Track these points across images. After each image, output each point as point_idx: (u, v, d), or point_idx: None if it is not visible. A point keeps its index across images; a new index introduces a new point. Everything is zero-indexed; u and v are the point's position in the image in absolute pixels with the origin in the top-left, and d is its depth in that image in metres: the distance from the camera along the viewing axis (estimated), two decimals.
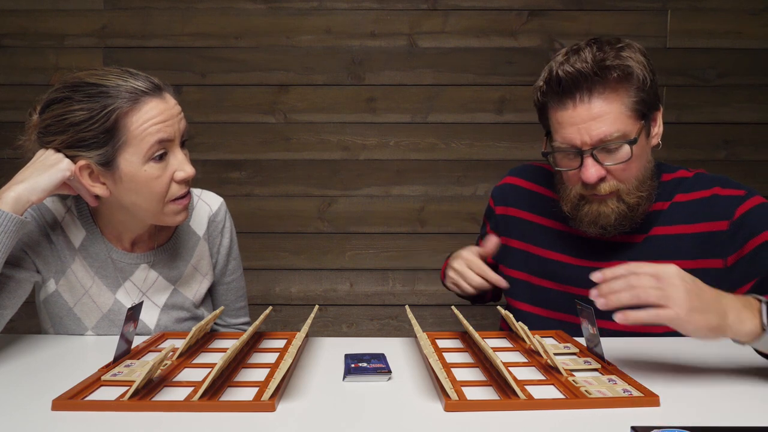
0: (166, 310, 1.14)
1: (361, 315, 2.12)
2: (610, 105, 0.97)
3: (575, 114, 0.98)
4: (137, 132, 0.95)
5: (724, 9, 2.03)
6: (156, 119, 0.96)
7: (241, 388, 0.78)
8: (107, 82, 0.96)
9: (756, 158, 2.06)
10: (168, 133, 0.97)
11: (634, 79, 0.97)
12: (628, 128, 0.98)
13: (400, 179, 2.08)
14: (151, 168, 0.97)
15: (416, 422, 0.69)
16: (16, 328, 1.14)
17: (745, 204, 1.02)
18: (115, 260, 1.10)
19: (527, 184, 1.22)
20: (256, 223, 2.08)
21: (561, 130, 1.01)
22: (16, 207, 0.92)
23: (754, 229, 1.00)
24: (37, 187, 0.94)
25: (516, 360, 0.91)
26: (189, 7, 2.03)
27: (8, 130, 2.03)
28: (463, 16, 2.04)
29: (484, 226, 1.32)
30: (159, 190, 0.99)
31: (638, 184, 1.02)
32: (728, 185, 1.06)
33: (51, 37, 2.03)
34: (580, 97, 0.97)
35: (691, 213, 1.06)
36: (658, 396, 0.73)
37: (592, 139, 0.97)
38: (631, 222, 1.04)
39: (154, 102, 0.96)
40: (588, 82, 0.96)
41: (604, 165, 0.99)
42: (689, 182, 1.09)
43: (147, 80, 0.98)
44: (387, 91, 2.06)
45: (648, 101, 1.00)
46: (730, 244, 1.02)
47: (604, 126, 0.97)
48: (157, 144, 0.96)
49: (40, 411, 0.71)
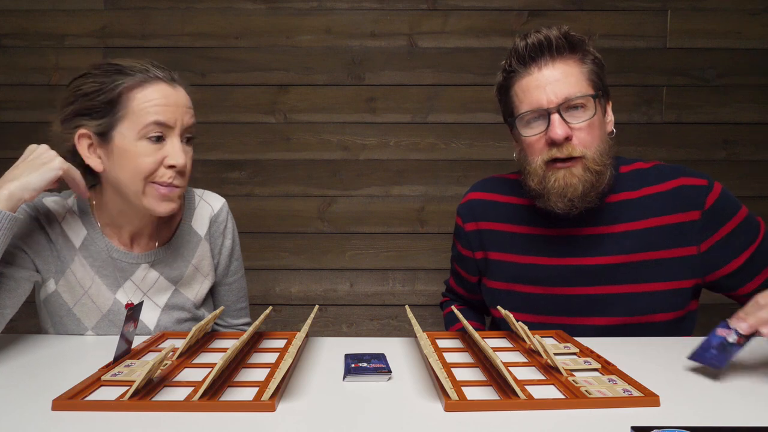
0: (166, 311, 1.14)
1: (361, 315, 2.12)
2: (571, 68, 1.05)
3: (540, 76, 1.05)
4: (137, 108, 0.98)
5: (724, 9, 2.03)
6: (158, 101, 0.99)
7: (241, 388, 0.78)
8: (125, 64, 1.01)
9: (756, 158, 2.06)
10: (167, 117, 0.99)
11: (590, 57, 1.07)
12: (590, 92, 1.05)
13: (400, 179, 2.08)
14: (143, 146, 0.99)
15: (416, 422, 0.69)
16: (16, 328, 1.14)
17: (712, 193, 1.08)
18: (115, 259, 1.10)
19: (490, 195, 1.24)
20: (256, 223, 2.08)
21: (527, 96, 1.06)
22: (9, 204, 0.92)
23: (723, 216, 1.07)
24: (29, 186, 0.94)
25: (516, 360, 0.91)
26: (189, 7, 2.03)
27: (8, 130, 2.04)
28: (463, 16, 2.04)
29: (455, 246, 1.31)
30: (145, 167, 0.99)
31: (600, 154, 1.05)
32: (690, 174, 1.11)
33: (51, 37, 2.03)
34: (544, 62, 1.05)
35: (660, 205, 1.10)
36: (658, 396, 0.73)
37: (557, 98, 1.03)
38: (597, 193, 1.06)
39: (162, 86, 1.00)
40: (551, 47, 1.04)
41: (570, 124, 1.04)
42: (652, 173, 1.13)
43: (164, 70, 1.02)
44: (387, 91, 2.06)
45: (601, 82, 1.08)
46: (702, 231, 1.07)
47: (568, 86, 1.04)
48: (153, 124, 0.98)
49: (40, 411, 0.71)
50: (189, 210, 1.19)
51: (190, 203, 1.19)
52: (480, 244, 1.23)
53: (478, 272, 1.26)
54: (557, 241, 1.13)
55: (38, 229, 1.06)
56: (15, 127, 2.04)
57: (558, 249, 1.13)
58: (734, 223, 1.07)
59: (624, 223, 1.11)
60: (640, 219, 1.10)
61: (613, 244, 1.10)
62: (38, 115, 2.04)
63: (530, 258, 1.16)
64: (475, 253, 1.24)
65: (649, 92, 2.05)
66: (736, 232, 1.07)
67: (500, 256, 1.20)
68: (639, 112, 2.05)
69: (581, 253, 1.11)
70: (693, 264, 1.08)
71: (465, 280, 1.31)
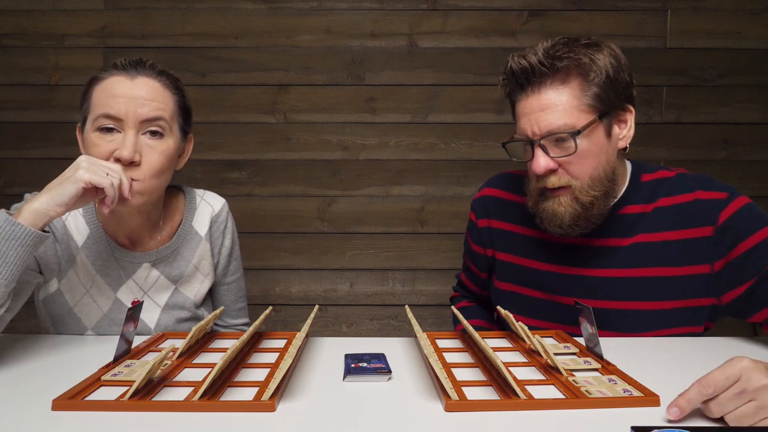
0: (166, 310, 1.14)
1: (361, 315, 2.12)
2: (559, 96, 0.97)
3: (527, 104, 1.00)
4: (94, 101, 1.02)
5: (724, 9, 2.03)
6: (109, 92, 1.01)
7: (241, 388, 0.78)
8: (118, 59, 1.05)
9: (756, 158, 2.06)
10: (114, 110, 0.99)
11: (591, 75, 0.97)
12: (579, 122, 0.97)
13: (400, 179, 2.08)
14: (95, 136, 1.00)
15: (416, 422, 0.69)
16: (16, 328, 1.14)
17: (729, 208, 1.00)
18: (118, 258, 1.10)
19: (505, 194, 1.20)
20: (257, 223, 2.08)
21: (518, 121, 1.04)
22: (35, 220, 0.88)
23: (740, 233, 0.99)
24: (53, 202, 0.89)
25: (516, 360, 0.91)
26: (189, 7, 2.03)
27: (8, 130, 2.04)
28: (463, 16, 2.04)
29: (467, 241, 1.29)
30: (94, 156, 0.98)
31: (591, 183, 1.00)
32: (710, 187, 1.04)
33: (51, 37, 2.03)
34: (531, 88, 0.99)
35: (674, 219, 1.04)
36: (658, 396, 0.73)
37: (540, 130, 0.98)
38: (588, 222, 1.02)
39: (118, 78, 1.02)
40: (536, 74, 0.98)
41: (553, 157, 0.99)
42: (671, 184, 1.06)
43: (128, 61, 1.04)
44: (387, 91, 2.06)
45: (608, 99, 0.98)
46: (716, 249, 1.01)
47: (552, 117, 0.97)
48: (101, 116, 1.00)
49: (40, 411, 0.71)
50: (190, 210, 1.19)
51: (191, 203, 1.20)
52: (490, 242, 1.21)
53: (488, 268, 1.25)
54: (566, 250, 1.10)
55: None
56: (15, 127, 2.05)
57: (566, 258, 1.10)
58: (754, 241, 0.97)
59: (636, 236, 1.06)
60: (653, 232, 1.05)
61: (623, 258, 1.06)
62: (38, 115, 2.04)
63: (537, 263, 1.13)
64: (486, 250, 1.22)
65: (649, 92, 2.05)
66: (756, 251, 0.97)
67: (507, 257, 1.18)
68: (639, 112, 2.05)
69: (590, 264, 1.08)
70: (706, 283, 1.02)
71: (476, 275, 1.30)
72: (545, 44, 0.99)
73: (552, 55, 0.97)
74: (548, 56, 0.97)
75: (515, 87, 1.03)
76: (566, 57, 0.97)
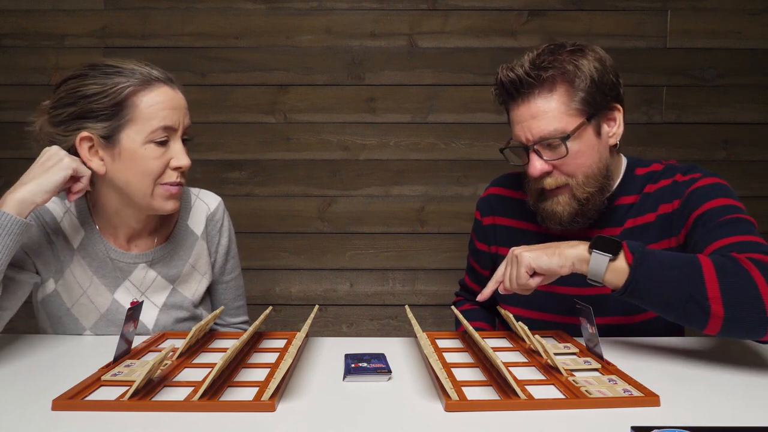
0: (165, 310, 1.14)
1: (361, 315, 2.12)
2: (548, 104, 1.02)
3: (519, 113, 1.05)
4: (146, 112, 0.99)
5: (724, 9, 2.03)
6: (165, 104, 1.00)
7: (241, 388, 0.78)
8: (123, 65, 1.01)
9: (755, 158, 2.06)
10: (173, 121, 1.01)
11: (577, 81, 1.01)
12: (568, 126, 1.02)
13: (400, 179, 2.08)
14: (150, 149, 1.00)
15: (416, 422, 0.69)
16: (15, 328, 1.14)
17: (696, 184, 1.05)
18: (114, 260, 1.10)
19: (510, 192, 1.25)
20: (256, 223, 2.08)
21: (513, 129, 1.09)
22: (21, 209, 0.92)
23: (696, 203, 1.03)
24: (40, 189, 0.94)
25: (516, 360, 0.91)
26: (189, 7, 2.03)
27: (8, 130, 2.04)
28: (463, 16, 2.04)
29: (472, 241, 1.33)
30: (154, 170, 1.01)
31: (586, 180, 1.05)
32: (692, 172, 1.09)
33: (51, 37, 2.03)
34: (521, 98, 1.04)
35: (655, 201, 1.10)
36: (658, 396, 0.73)
37: (533, 136, 1.04)
38: (585, 217, 1.07)
39: (165, 89, 1.02)
40: (524, 85, 1.02)
41: (547, 160, 1.04)
42: (659, 173, 1.12)
43: (161, 72, 1.03)
44: (387, 91, 2.06)
45: (595, 102, 1.03)
46: (679, 221, 1.06)
47: (543, 124, 1.02)
48: (161, 129, 1.00)
49: (40, 411, 0.71)
50: (185, 209, 1.19)
51: (186, 202, 1.19)
52: (495, 239, 1.25)
53: (490, 265, 1.27)
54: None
55: (39, 230, 1.06)
56: (15, 127, 2.04)
57: None
58: (706, 208, 1.01)
59: (624, 223, 1.11)
60: (638, 216, 1.10)
61: None
62: None
63: None
64: (491, 247, 1.26)
65: (649, 92, 2.05)
66: (703, 217, 1.00)
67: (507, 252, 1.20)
68: (639, 112, 2.05)
69: None
70: None
71: (479, 275, 1.32)
72: (531, 54, 1.04)
73: (538, 66, 1.02)
74: (534, 67, 1.02)
75: (506, 97, 1.07)
76: (551, 66, 1.01)
